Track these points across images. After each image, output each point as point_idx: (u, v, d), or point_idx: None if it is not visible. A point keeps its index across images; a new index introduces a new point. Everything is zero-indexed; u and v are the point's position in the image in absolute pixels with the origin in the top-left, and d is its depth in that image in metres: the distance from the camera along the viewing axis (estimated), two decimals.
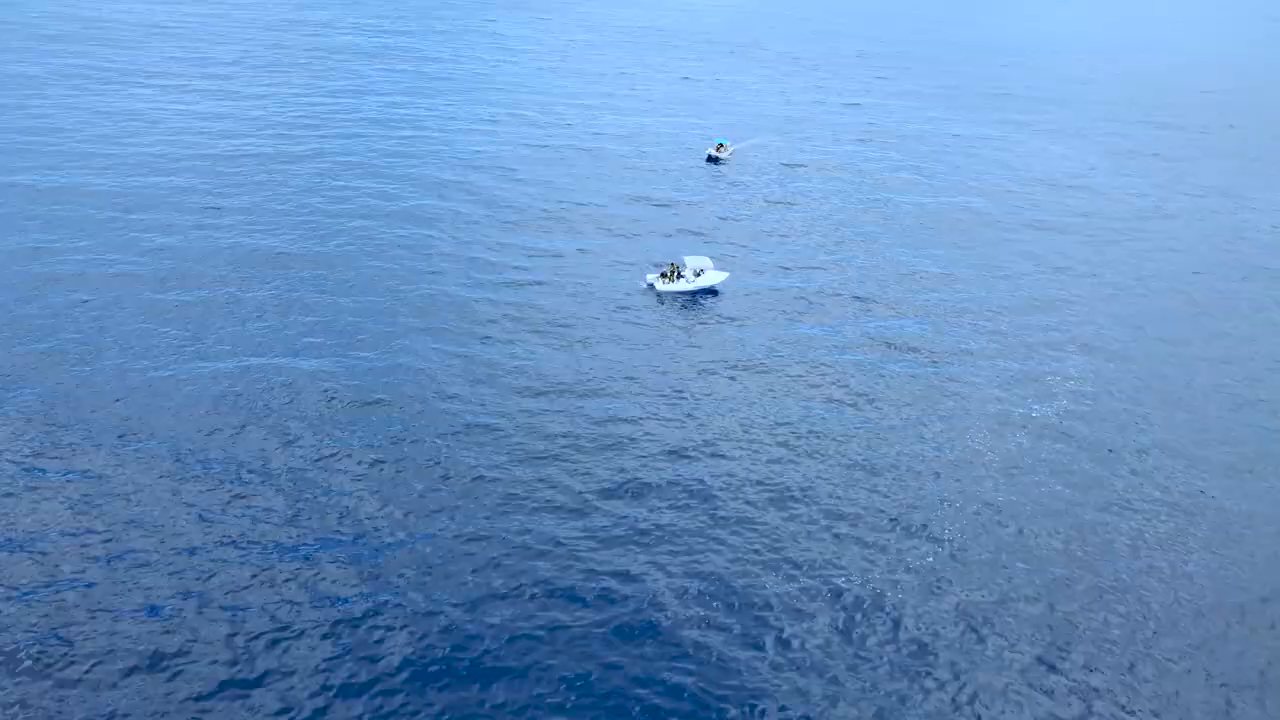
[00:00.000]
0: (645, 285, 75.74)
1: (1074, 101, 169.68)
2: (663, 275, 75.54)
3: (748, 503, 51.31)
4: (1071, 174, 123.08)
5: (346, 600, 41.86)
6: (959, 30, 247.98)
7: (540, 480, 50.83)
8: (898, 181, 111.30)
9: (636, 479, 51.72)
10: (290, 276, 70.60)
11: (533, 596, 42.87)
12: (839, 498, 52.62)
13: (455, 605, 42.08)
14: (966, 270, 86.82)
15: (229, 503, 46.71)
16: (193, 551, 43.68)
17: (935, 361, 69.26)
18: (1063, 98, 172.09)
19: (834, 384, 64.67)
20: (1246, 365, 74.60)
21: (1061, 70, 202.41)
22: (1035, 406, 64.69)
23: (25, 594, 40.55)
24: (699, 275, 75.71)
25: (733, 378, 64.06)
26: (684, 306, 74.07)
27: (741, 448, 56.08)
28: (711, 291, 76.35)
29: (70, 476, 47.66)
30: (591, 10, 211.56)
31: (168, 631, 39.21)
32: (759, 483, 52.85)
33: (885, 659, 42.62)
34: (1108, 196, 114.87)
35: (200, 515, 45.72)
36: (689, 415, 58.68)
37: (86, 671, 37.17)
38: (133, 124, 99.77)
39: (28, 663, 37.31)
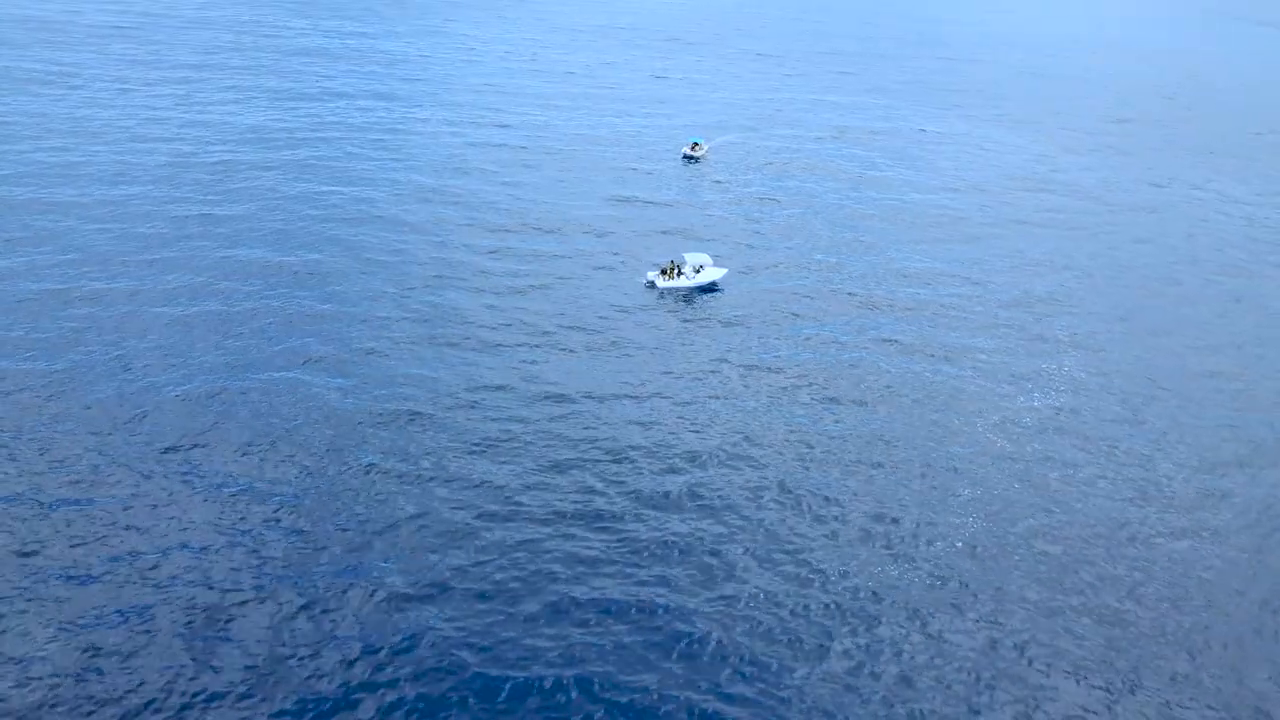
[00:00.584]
0: (646, 283, 75.63)
1: (1033, 96, 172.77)
2: (663, 272, 75.50)
3: (779, 507, 51.56)
4: (1038, 168, 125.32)
5: (398, 620, 41.25)
6: (916, 25, 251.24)
7: (571, 489, 50.48)
8: (873, 179, 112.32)
9: (666, 486, 51.55)
10: (290, 287, 68.95)
11: (581, 608, 42.59)
12: (863, 498, 52.89)
13: (510, 619, 41.81)
14: (953, 266, 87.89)
15: (268, 524, 45.69)
16: (240, 574, 42.76)
17: (935, 358, 69.95)
18: (1022, 93, 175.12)
19: (840, 383, 65.03)
20: (1233, 354, 76.57)
21: (1019, 65, 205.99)
22: (1037, 402, 65.69)
23: (69, 625, 39.23)
24: (699, 272, 75.76)
25: (743, 378, 64.11)
26: (685, 304, 73.96)
27: (762, 450, 56.17)
28: (711, 288, 76.35)
29: (105, 502, 46.31)
30: (550, 9, 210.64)
31: (221, 660, 38.27)
32: (783, 486, 52.96)
33: (932, 662, 42.88)
34: (1076, 190, 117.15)
35: (241, 539, 44.73)
36: (707, 419, 58.56)
37: (139, 704, 36.08)
38: (102, 132, 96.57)
39: (75, 696, 36.08)
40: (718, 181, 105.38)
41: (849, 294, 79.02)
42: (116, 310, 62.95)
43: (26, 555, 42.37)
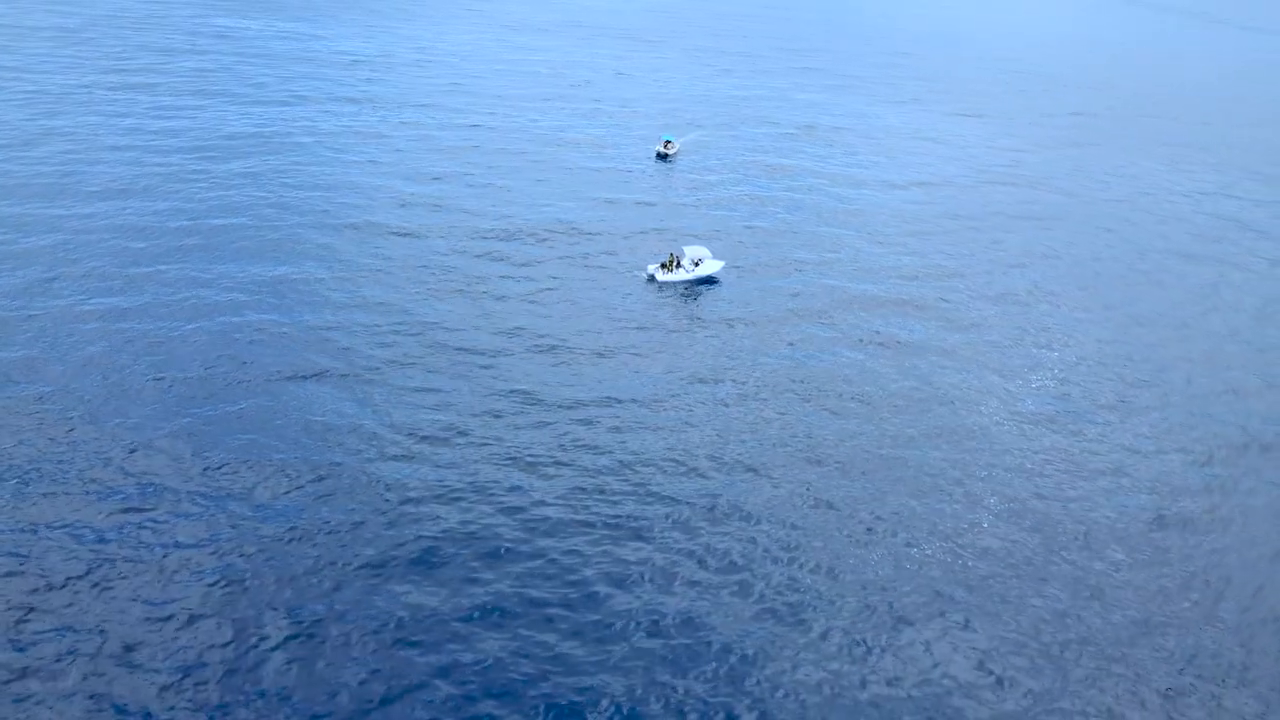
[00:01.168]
0: (646, 276, 75.53)
1: (989, 91, 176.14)
2: (662, 266, 75.52)
3: (808, 510, 52.11)
4: (1003, 161, 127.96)
5: (453, 642, 40.81)
6: (869, 21, 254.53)
7: (602, 498, 50.07)
8: (847, 174, 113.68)
9: (694, 492, 51.42)
10: (287, 299, 66.33)
11: (632, 621, 42.44)
12: (883, 499, 53.34)
13: (564, 636, 41.74)
14: (936, 261, 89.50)
15: (306, 550, 44.46)
16: (280, 604, 41.94)
17: (932, 353, 71.02)
18: (978, 88, 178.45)
19: (847, 382, 65.29)
20: (1216, 341, 78.98)
21: (973, 60, 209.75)
22: (1036, 396, 67.06)
23: (104, 657, 37.89)
24: (697, 265, 75.84)
25: (754, 379, 64.33)
26: (688, 300, 73.96)
27: (782, 451, 56.39)
28: (709, 281, 76.40)
29: (132, 530, 45.12)
30: (507, 7, 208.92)
31: (265, 691, 37.51)
32: (807, 490, 52.97)
33: (980, 659, 43.44)
34: (1043, 183, 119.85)
35: (279, 567, 43.60)
36: (726, 423, 58.35)
37: None
38: (68, 141, 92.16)
39: None
40: (694, 179, 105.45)
41: (840, 291, 79.54)
42: (116, 328, 60.09)
43: (54, 588, 40.85)
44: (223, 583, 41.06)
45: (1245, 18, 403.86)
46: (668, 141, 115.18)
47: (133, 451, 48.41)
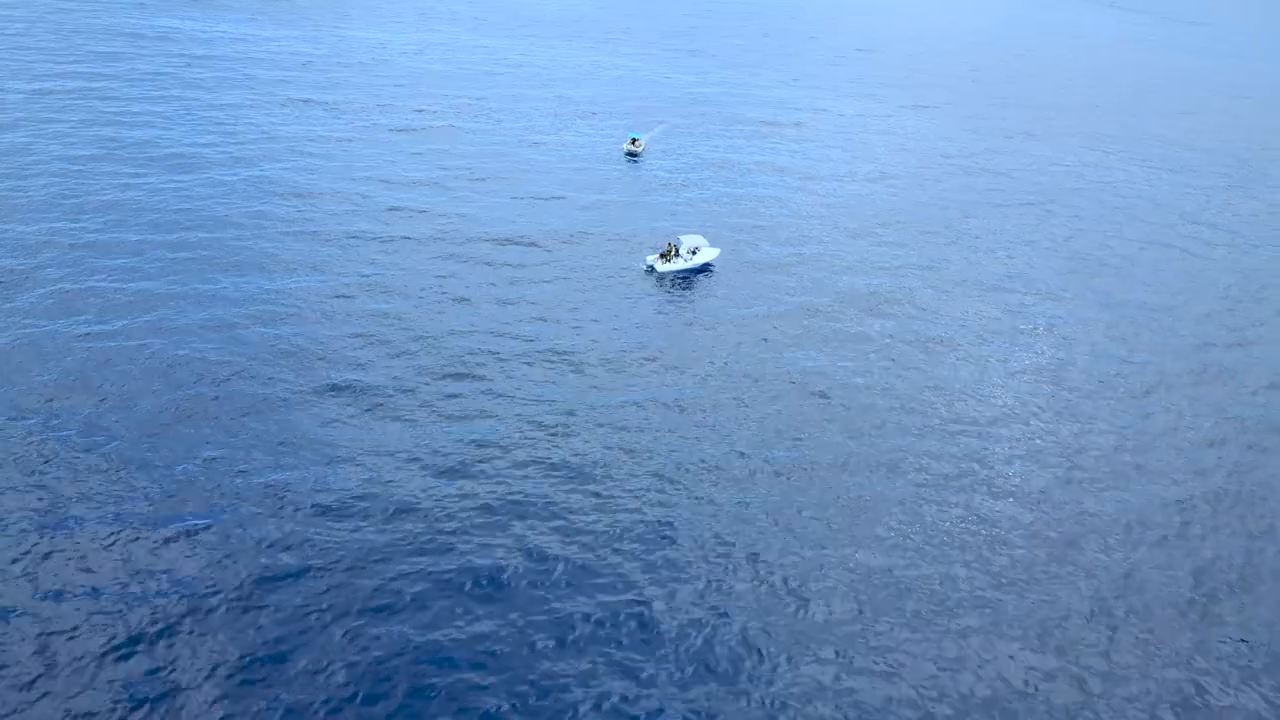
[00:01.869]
0: (646, 267, 76.32)
1: (934, 84, 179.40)
2: (661, 256, 76.16)
3: (836, 515, 52.13)
4: (965, 152, 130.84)
5: (532, 666, 40.47)
6: (823, 16, 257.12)
7: (648, 513, 49.54)
8: (813, 168, 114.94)
9: (721, 500, 50.96)
10: (288, 313, 64.19)
11: (691, 638, 42.17)
12: (913, 498, 53.50)
13: (638, 658, 41.74)
14: (923, 252, 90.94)
15: (383, 585, 43.62)
16: (315, 645, 40.57)
17: (925, 346, 71.64)
18: (926, 81, 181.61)
19: (853, 381, 65.23)
20: (1195, 325, 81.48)
21: (919, 55, 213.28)
22: (1046, 385, 68.14)
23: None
24: (694, 253, 76.67)
25: (768, 380, 64.29)
26: (687, 292, 74.31)
27: (815, 456, 56.12)
28: (706, 269, 77.37)
29: (154, 566, 43.56)
30: (448, 5, 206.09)
31: None
32: (826, 494, 52.82)
33: (1033, 662, 44.23)
34: (1001, 172, 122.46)
35: (372, 607, 42.89)
36: (747, 427, 58.05)
37: None
38: (29, 154, 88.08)
39: None
40: (665, 177, 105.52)
41: (832, 285, 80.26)
42: (125, 351, 57.46)
43: (99, 630, 39.36)
44: (285, 612, 39.83)
45: (1204, 15, 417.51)
46: (634, 139, 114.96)
47: (166, 480, 46.67)
